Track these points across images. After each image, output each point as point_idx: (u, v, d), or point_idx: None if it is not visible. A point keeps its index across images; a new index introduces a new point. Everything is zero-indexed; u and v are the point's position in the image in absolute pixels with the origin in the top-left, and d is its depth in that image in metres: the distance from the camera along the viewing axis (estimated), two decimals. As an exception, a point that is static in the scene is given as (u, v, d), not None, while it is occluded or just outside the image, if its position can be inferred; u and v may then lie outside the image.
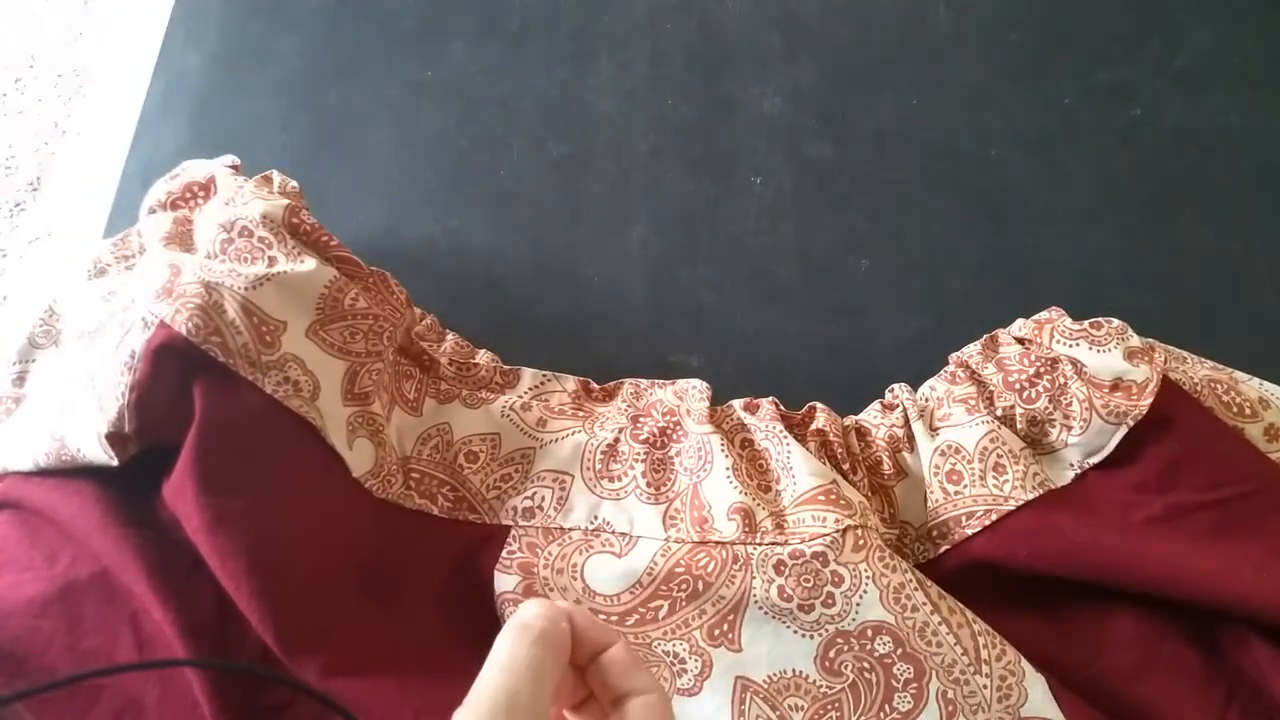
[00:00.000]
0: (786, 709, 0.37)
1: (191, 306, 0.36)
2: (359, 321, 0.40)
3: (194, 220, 0.41)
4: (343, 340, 0.40)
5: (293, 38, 0.58)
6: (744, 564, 0.38)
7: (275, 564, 0.36)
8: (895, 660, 0.37)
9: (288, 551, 0.36)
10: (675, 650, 0.38)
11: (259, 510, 0.36)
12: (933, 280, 0.48)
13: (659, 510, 0.40)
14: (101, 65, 0.64)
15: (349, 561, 0.38)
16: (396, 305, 0.42)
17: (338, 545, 0.38)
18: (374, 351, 0.40)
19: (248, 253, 0.38)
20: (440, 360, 0.44)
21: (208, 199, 0.42)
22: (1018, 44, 0.55)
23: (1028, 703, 0.35)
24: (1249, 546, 0.36)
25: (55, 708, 0.35)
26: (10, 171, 0.95)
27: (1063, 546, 0.37)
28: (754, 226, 0.50)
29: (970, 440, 0.39)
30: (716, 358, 0.47)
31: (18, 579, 0.38)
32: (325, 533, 0.38)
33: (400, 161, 0.53)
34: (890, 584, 0.36)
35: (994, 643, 0.35)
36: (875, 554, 0.36)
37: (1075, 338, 0.40)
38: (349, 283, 0.40)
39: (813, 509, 0.37)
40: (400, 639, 0.38)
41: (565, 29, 0.57)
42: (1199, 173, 0.50)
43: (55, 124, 0.98)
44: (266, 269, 0.37)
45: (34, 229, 0.56)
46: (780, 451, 0.40)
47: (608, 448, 0.41)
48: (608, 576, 0.39)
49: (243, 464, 0.36)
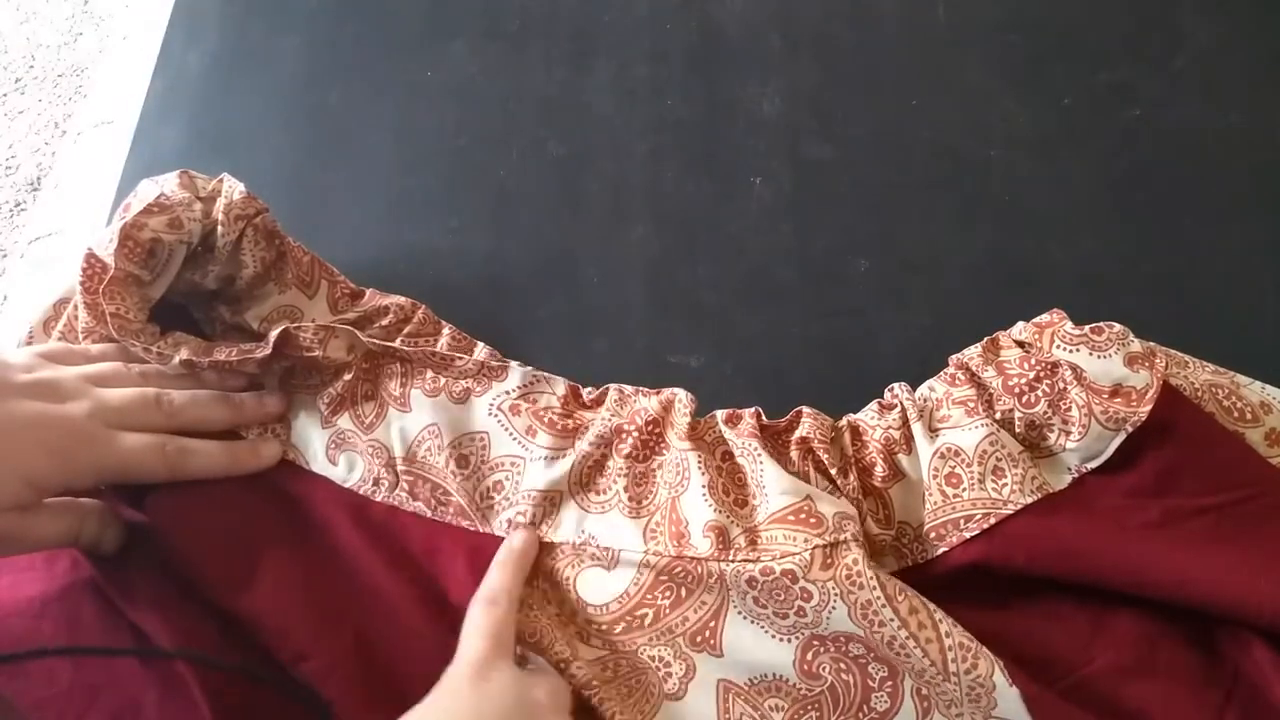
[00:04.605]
0: (767, 709, 0.38)
1: None
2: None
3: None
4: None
5: (293, 38, 0.58)
6: (719, 578, 0.38)
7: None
8: (870, 660, 0.38)
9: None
10: (661, 655, 0.39)
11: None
12: (933, 280, 0.48)
13: (639, 524, 0.40)
14: (101, 65, 0.64)
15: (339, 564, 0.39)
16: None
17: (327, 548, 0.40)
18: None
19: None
20: (417, 354, 0.44)
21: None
22: (1018, 44, 0.55)
23: (998, 708, 0.35)
24: (1248, 551, 0.36)
25: (54, 707, 0.35)
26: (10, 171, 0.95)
27: (1060, 550, 0.37)
28: (754, 226, 0.50)
29: (970, 443, 0.39)
30: (716, 358, 0.47)
31: (18, 579, 0.38)
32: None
33: (400, 161, 0.53)
34: (858, 601, 0.36)
35: (965, 656, 0.35)
36: (843, 572, 0.37)
37: (1076, 342, 0.40)
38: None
39: (784, 528, 0.38)
40: (392, 638, 0.38)
41: (565, 29, 0.57)
42: (1199, 173, 0.50)
43: (55, 124, 0.98)
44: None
45: (34, 229, 0.56)
46: (754, 469, 0.40)
47: (594, 464, 0.41)
48: (598, 589, 0.40)
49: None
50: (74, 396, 0.38)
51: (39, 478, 0.36)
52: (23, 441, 0.35)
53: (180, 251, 0.42)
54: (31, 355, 0.40)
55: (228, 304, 0.45)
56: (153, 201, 0.40)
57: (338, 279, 0.46)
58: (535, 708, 0.34)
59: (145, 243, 0.40)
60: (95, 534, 0.38)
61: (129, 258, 0.40)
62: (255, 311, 0.44)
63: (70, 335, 0.43)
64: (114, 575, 0.38)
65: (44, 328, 0.44)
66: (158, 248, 0.41)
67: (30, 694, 0.35)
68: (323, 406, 0.43)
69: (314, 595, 0.38)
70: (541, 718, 0.34)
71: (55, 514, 0.37)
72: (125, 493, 0.40)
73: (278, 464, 0.42)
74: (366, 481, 0.42)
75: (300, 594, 0.38)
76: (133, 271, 0.41)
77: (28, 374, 0.38)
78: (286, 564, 0.39)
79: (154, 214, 0.40)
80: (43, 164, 0.94)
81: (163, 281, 0.42)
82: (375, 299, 0.46)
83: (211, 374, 0.42)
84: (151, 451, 0.38)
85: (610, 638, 0.39)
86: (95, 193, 0.54)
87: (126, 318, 0.41)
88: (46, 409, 0.37)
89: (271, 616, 0.37)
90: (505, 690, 0.34)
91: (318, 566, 0.39)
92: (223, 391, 0.42)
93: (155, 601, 0.37)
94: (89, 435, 0.37)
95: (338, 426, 0.43)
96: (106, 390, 0.39)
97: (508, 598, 0.37)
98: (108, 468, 0.38)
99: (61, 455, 0.36)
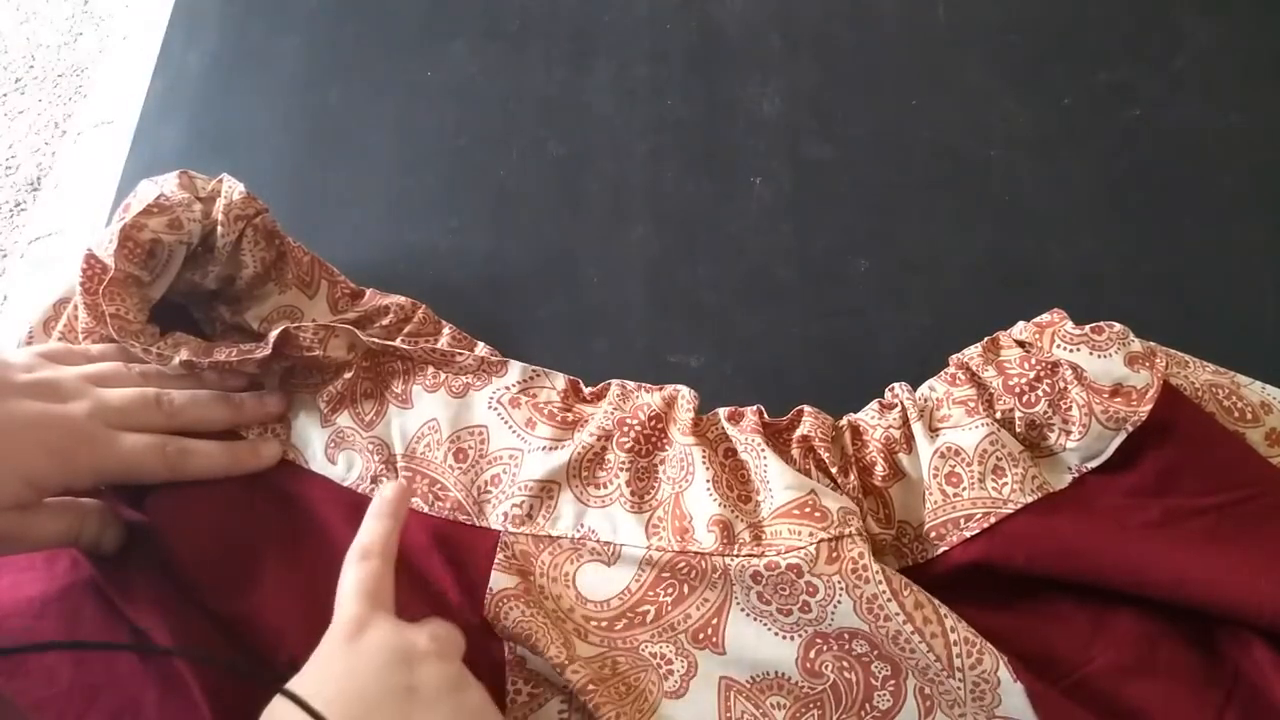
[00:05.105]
0: (769, 707, 0.37)
1: None
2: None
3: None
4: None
5: (293, 38, 0.58)
6: (723, 573, 0.38)
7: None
8: (873, 659, 0.37)
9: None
10: (662, 652, 0.39)
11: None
12: (932, 280, 0.48)
13: (642, 519, 0.40)
14: (101, 65, 0.64)
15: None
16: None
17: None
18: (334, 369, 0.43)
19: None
20: (418, 353, 0.44)
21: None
22: (1018, 44, 0.55)
23: (1002, 705, 0.35)
24: (1247, 551, 0.36)
25: (54, 707, 0.35)
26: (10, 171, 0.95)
27: (1060, 550, 0.37)
28: (754, 226, 0.50)
29: (970, 442, 0.39)
30: (716, 358, 0.47)
31: (18, 579, 0.38)
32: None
33: (400, 161, 0.53)
34: (863, 595, 0.36)
35: (971, 651, 0.35)
36: (849, 565, 0.37)
37: (1076, 342, 0.40)
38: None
39: (789, 523, 0.38)
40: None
41: (565, 29, 0.57)
42: (1199, 173, 0.50)
43: (55, 124, 0.98)
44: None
45: (34, 229, 0.56)
46: (758, 464, 0.40)
47: (594, 456, 0.41)
48: (598, 584, 0.40)
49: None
50: (74, 396, 0.38)
51: (39, 477, 0.36)
52: (23, 441, 0.35)
53: (180, 252, 0.42)
54: (32, 355, 0.40)
55: (228, 304, 0.45)
56: (152, 202, 0.40)
57: (338, 279, 0.46)
58: (414, 656, 0.32)
59: (145, 243, 0.40)
60: (95, 534, 0.38)
61: (129, 258, 0.40)
62: (255, 311, 0.45)
63: (70, 335, 0.43)
64: (114, 575, 0.38)
65: (44, 328, 0.44)
66: (157, 248, 0.41)
67: (30, 694, 0.35)
68: (322, 405, 0.43)
69: (312, 595, 0.38)
70: (423, 664, 0.32)
71: (55, 514, 0.37)
72: (125, 493, 0.40)
73: (277, 464, 0.42)
74: (365, 480, 0.42)
75: (298, 594, 0.38)
76: (132, 272, 0.41)
77: (28, 374, 0.38)
78: (285, 565, 0.39)
79: (154, 214, 0.40)
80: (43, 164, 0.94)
81: (163, 282, 0.42)
82: (375, 299, 0.46)
83: (211, 374, 0.42)
84: (151, 451, 0.38)
85: (610, 635, 0.39)
86: (95, 193, 0.54)
87: (126, 318, 0.41)
88: (47, 409, 0.37)
89: (269, 616, 0.37)
90: (381, 645, 0.32)
91: (316, 567, 0.39)
92: (223, 391, 0.42)
93: (155, 601, 0.37)
94: (89, 435, 0.37)
95: (337, 425, 0.43)
96: (107, 390, 0.39)
97: (381, 550, 0.36)
98: (108, 468, 0.38)
99: (62, 455, 0.36)
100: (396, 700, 0.31)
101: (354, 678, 0.31)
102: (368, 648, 0.32)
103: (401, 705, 0.31)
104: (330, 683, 0.31)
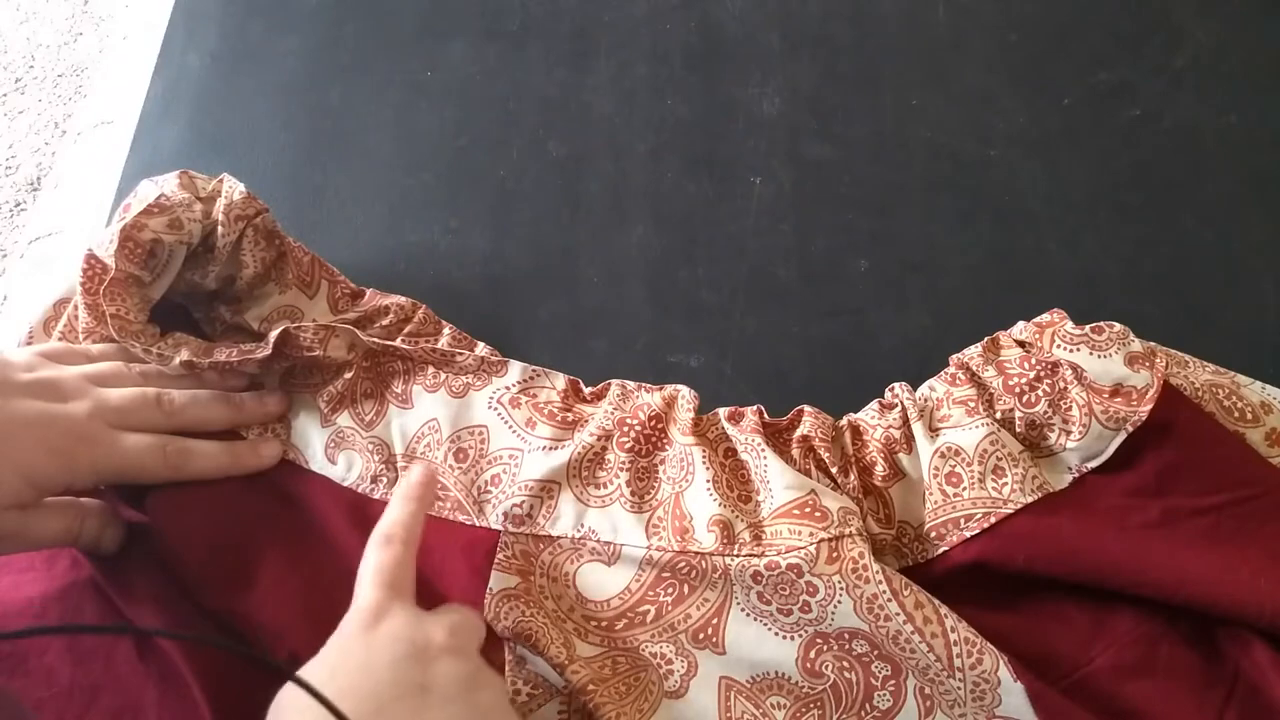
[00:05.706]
0: (769, 707, 0.37)
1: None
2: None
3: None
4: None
5: (293, 38, 0.58)
6: (723, 573, 0.38)
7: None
8: (873, 659, 0.38)
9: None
10: (663, 652, 0.39)
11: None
12: (932, 280, 0.48)
13: (642, 519, 0.40)
14: (101, 65, 0.64)
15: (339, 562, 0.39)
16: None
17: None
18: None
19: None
20: (418, 353, 0.44)
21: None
22: (1018, 44, 0.55)
23: (1002, 705, 0.35)
24: (1247, 550, 0.36)
25: (54, 707, 0.35)
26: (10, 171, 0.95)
27: (1060, 549, 0.37)
28: (754, 226, 0.50)
29: (970, 442, 0.39)
30: (716, 358, 0.47)
31: (18, 579, 0.38)
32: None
33: (400, 161, 0.53)
34: (864, 595, 0.36)
35: (971, 651, 0.35)
36: (849, 565, 0.37)
37: (1076, 342, 0.40)
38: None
39: (789, 522, 0.38)
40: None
41: (565, 29, 0.57)
42: (1199, 173, 0.50)
43: (55, 124, 0.98)
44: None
45: (34, 229, 0.56)
46: (758, 464, 0.40)
47: (594, 456, 0.41)
48: (598, 584, 0.40)
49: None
50: (75, 396, 0.38)
51: (40, 477, 0.36)
52: (24, 440, 0.35)
53: (180, 252, 0.42)
54: (32, 355, 0.40)
55: (228, 304, 0.45)
56: (153, 202, 0.40)
57: (338, 279, 0.46)
58: (430, 652, 0.32)
59: (145, 243, 0.40)
60: (95, 533, 0.38)
61: (129, 259, 0.40)
62: (255, 311, 0.45)
63: (70, 335, 0.43)
64: (114, 575, 0.38)
65: (44, 328, 0.44)
66: (158, 248, 0.41)
67: (30, 694, 0.35)
68: (322, 405, 0.43)
69: (312, 595, 0.38)
70: (439, 661, 0.32)
71: (55, 513, 0.37)
72: (125, 493, 0.40)
73: (278, 463, 0.42)
74: (365, 479, 0.42)
75: (298, 594, 0.38)
76: (133, 272, 0.41)
77: (29, 373, 0.38)
78: (285, 564, 0.39)
79: (154, 215, 0.40)
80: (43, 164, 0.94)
81: (163, 282, 0.42)
82: (375, 299, 0.46)
83: (212, 374, 0.42)
84: (152, 451, 0.38)
85: (610, 634, 0.39)
86: (95, 193, 0.54)
87: (127, 319, 0.41)
88: (47, 408, 0.37)
89: (269, 616, 0.37)
90: (397, 636, 0.32)
91: (316, 566, 0.39)
92: (223, 391, 0.42)
93: (155, 601, 0.37)
94: (90, 435, 0.37)
95: (337, 425, 0.43)
96: (107, 390, 0.39)
97: (404, 535, 0.35)
98: (108, 467, 0.38)
99: (62, 455, 0.36)
100: (409, 699, 0.30)
101: (368, 673, 0.31)
102: (384, 640, 0.32)
103: (413, 704, 0.30)
104: (343, 674, 0.31)
